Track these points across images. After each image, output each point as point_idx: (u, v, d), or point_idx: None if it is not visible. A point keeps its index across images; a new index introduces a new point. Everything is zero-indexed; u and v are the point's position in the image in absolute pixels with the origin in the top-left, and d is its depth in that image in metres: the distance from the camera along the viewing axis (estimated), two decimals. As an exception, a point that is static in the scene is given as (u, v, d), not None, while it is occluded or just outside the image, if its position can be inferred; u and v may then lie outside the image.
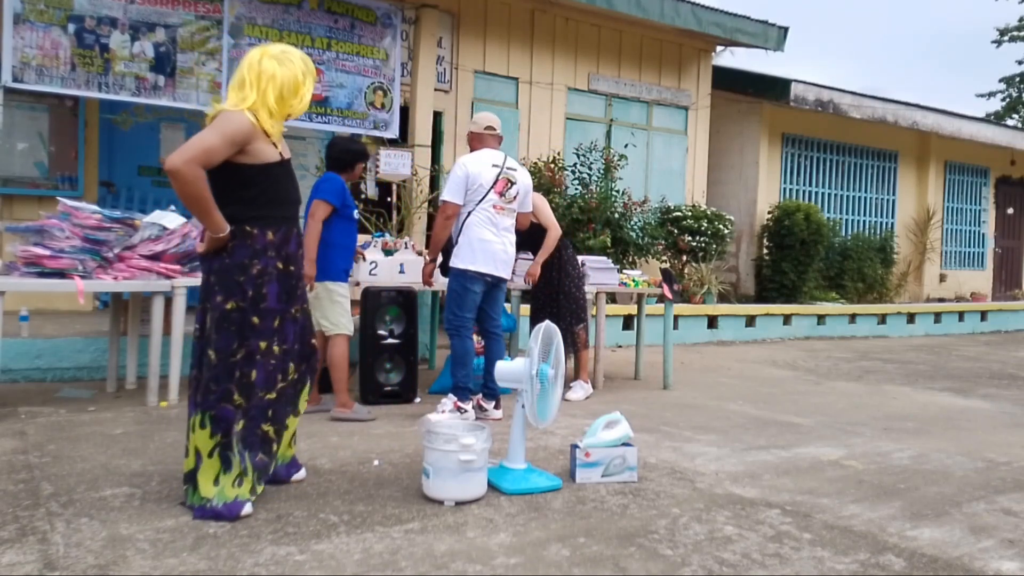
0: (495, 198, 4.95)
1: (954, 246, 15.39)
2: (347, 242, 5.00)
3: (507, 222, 5.05)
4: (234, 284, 3.15)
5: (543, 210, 5.78)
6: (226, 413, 3.11)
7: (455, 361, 4.96)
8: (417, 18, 8.07)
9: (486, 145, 5.11)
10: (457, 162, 5.04)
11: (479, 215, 4.92)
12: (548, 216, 5.80)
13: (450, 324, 4.96)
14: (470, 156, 5.05)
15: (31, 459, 3.75)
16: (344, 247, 4.97)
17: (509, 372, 3.64)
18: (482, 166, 4.96)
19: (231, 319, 3.13)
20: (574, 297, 5.87)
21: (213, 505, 3.02)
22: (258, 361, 3.16)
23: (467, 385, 4.89)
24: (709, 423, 5.15)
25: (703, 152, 11.61)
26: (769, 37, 10.87)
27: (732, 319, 9.96)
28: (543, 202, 5.87)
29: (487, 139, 5.12)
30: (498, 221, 4.98)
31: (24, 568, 2.54)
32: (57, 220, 4.71)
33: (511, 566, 2.70)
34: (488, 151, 5.07)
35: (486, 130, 5.11)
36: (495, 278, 5.00)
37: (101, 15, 6.54)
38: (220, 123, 3.12)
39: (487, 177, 4.94)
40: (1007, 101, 27.88)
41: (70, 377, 5.73)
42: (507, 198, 5.03)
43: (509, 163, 5.10)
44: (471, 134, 5.16)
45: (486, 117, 5.20)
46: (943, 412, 5.92)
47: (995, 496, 3.75)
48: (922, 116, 13.14)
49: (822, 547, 2.99)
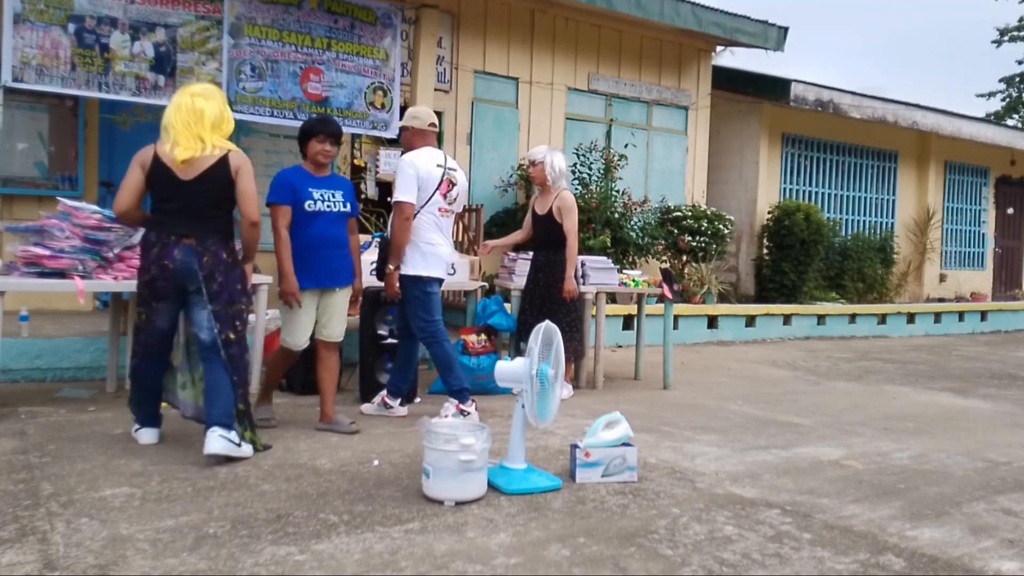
0: (440, 200, 4.77)
1: (954, 246, 15.39)
2: (304, 242, 4.39)
3: (449, 224, 4.90)
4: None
5: (571, 213, 5.67)
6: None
7: (442, 367, 4.86)
8: (417, 18, 8.07)
9: (428, 143, 4.85)
10: (404, 160, 4.75)
11: (425, 217, 4.74)
12: (573, 222, 5.68)
13: (424, 332, 4.81)
14: (417, 155, 4.77)
15: (31, 459, 3.75)
16: (302, 249, 4.38)
17: (509, 372, 3.62)
18: (430, 165, 4.75)
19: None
20: (566, 305, 5.77)
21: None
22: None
23: (463, 386, 4.84)
24: (709, 423, 5.15)
25: (703, 152, 11.62)
26: (769, 37, 10.88)
27: (732, 319, 9.96)
28: (573, 204, 5.73)
29: (429, 136, 4.87)
30: (443, 224, 4.82)
31: (24, 568, 2.54)
32: (57, 220, 4.71)
33: (511, 566, 2.70)
34: (431, 150, 4.84)
35: (430, 127, 4.85)
36: (440, 281, 4.90)
37: (101, 15, 6.54)
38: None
39: (434, 177, 4.75)
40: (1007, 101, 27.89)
41: (70, 377, 5.73)
42: (449, 200, 4.85)
43: (450, 163, 4.91)
44: (413, 131, 4.85)
45: (428, 112, 4.93)
46: (943, 412, 5.92)
47: (995, 496, 3.75)
48: (922, 116, 13.14)
49: (822, 547, 2.99)
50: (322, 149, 4.43)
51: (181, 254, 3.81)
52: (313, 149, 4.44)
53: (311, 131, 4.45)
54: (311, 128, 4.47)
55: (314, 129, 4.45)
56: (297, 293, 4.35)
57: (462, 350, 5.75)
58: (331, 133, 4.46)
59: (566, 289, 5.64)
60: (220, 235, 3.91)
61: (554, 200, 5.75)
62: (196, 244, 3.83)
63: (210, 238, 3.86)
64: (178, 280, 3.84)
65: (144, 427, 4.14)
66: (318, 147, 4.43)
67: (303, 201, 4.37)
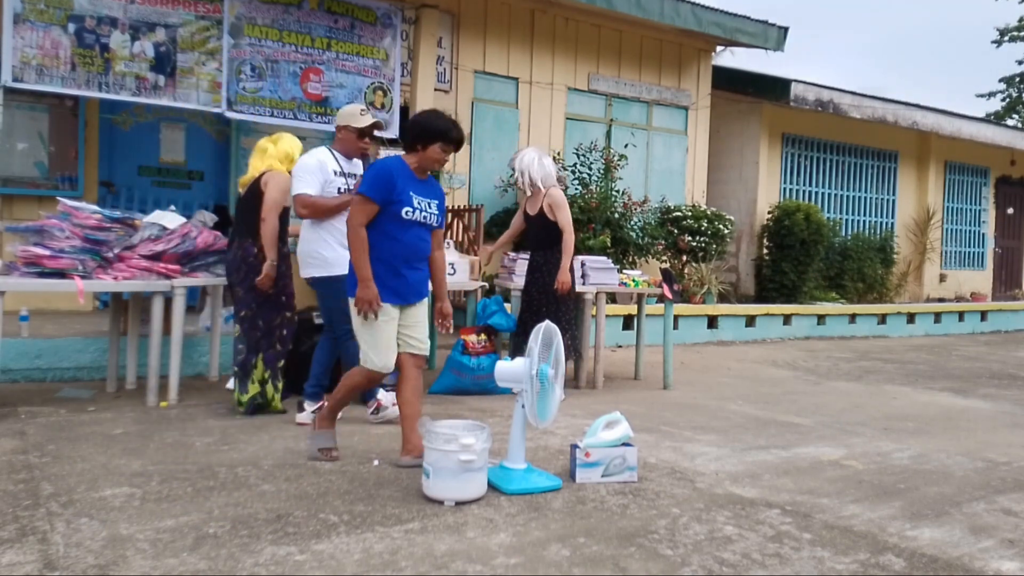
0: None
1: (954, 246, 15.39)
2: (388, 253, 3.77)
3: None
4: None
5: (563, 208, 5.70)
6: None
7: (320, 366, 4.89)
8: (417, 18, 8.06)
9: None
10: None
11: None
12: (566, 217, 5.70)
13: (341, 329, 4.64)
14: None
15: (31, 459, 3.75)
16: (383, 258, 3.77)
17: (509, 372, 3.61)
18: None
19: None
20: (564, 304, 5.78)
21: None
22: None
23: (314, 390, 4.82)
24: (709, 423, 5.15)
25: (703, 152, 11.62)
26: (769, 37, 10.88)
27: (732, 319, 9.96)
28: (564, 200, 5.77)
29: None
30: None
31: (24, 568, 2.54)
32: (57, 220, 4.71)
33: (511, 566, 2.70)
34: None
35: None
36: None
37: (101, 15, 6.54)
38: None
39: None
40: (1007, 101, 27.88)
41: (70, 377, 5.73)
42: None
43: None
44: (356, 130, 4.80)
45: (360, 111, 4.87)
46: (943, 412, 5.92)
47: (995, 496, 3.75)
48: (922, 116, 13.14)
49: (822, 547, 2.99)
50: (443, 157, 3.84)
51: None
52: (435, 153, 3.79)
53: (444, 133, 3.78)
54: (445, 130, 3.79)
55: (449, 133, 3.79)
56: (377, 300, 3.70)
57: (462, 350, 5.75)
58: (460, 142, 3.88)
59: (559, 280, 5.64)
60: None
61: (543, 199, 5.75)
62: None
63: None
64: None
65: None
66: (440, 153, 3.81)
67: (401, 206, 3.73)
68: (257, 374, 4.84)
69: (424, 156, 3.80)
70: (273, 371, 4.90)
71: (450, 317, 4.07)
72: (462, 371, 5.68)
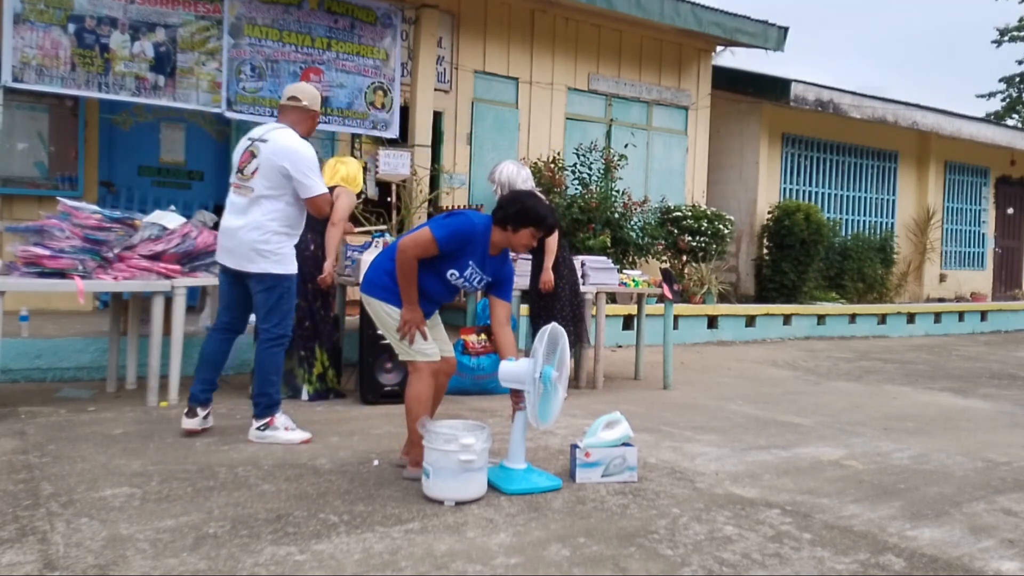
0: (234, 175, 4.33)
1: (954, 246, 15.39)
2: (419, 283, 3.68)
3: (243, 202, 4.24)
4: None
5: None
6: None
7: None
8: (417, 18, 8.07)
9: (279, 117, 4.50)
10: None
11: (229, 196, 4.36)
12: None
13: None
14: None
15: (31, 459, 3.75)
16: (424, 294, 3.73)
17: (512, 373, 3.57)
18: (243, 140, 4.38)
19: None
20: (568, 300, 5.81)
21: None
22: None
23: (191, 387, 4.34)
24: (709, 423, 5.14)
25: (703, 152, 11.62)
26: (769, 37, 10.88)
27: (732, 319, 9.96)
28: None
29: (283, 111, 4.47)
30: (235, 201, 4.28)
31: (24, 568, 2.54)
32: (57, 220, 4.70)
33: (511, 566, 2.70)
34: (270, 124, 4.47)
35: (288, 100, 4.43)
36: (227, 269, 4.33)
37: (101, 15, 6.54)
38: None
39: (238, 152, 4.35)
40: (1007, 101, 27.90)
41: (70, 377, 5.73)
42: (245, 175, 4.24)
43: (267, 134, 4.28)
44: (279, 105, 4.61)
45: (291, 88, 4.56)
46: (943, 412, 5.92)
47: (995, 496, 3.75)
48: (922, 116, 13.14)
49: (822, 547, 2.99)
50: (532, 243, 3.76)
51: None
52: (524, 238, 3.70)
53: (541, 220, 3.69)
54: (542, 217, 3.69)
55: (546, 221, 3.71)
56: (422, 322, 3.69)
57: (462, 350, 5.75)
58: (553, 229, 3.86)
59: (542, 280, 5.67)
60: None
61: None
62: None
63: None
64: None
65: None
66: (530, 240, 3.72)
67: (451, 266, 3.67)
68: (318, 365, 5.38)
69: (512, 239, 3.70)
70: (331, 357, 5.46)
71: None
72: (462, 371, 5.67)
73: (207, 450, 4.03)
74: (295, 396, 5.32)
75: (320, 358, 5.39)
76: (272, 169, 4.18)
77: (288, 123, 4.35)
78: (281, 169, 4.18)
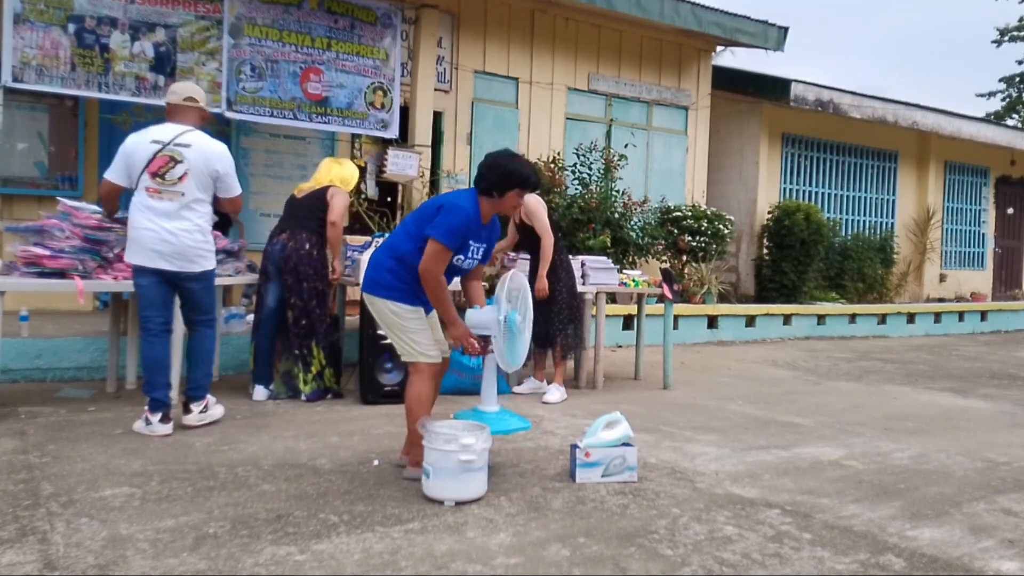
0: (147, 179, 4.28)
1: (954, 246, 15.39)
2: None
3: (171, 207, 4.28)
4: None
5: (538, 215, 5.70)
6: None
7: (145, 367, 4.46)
8: (417, 18, 8.07)
9: (179, 118, 4.46)
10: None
11: (136, 199, 4.32)
12: (543, 223, 5.69)
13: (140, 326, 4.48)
14: (138, 131, 4.43)
15: (31, 459, 3.75)
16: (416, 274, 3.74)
17: (478, 319, 3.87)
18: (142, 140, 4.34)
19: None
20: (566, 302, 5.82)
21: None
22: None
23: (151, 394, 4.33)
24: (709, 423, 5.15)
25: (703, 152, 11.62)
26: (769, 37, 10.88)
27: (732, 319, 9.96)
28: (540, 206, 5.77)
29: (181, 112, 4.46)
30: (157, 206, 4.27)
31: (24, 568, 2.54)
32: (57, 220, 4.70)
33: (511, 566, 2.70)
34: (163, 125, 4.42)
35: (185, 101, 4.45)
36: (161, 272, 4.33)
37: (101, 15, 6.54)
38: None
39: (142, 154, 4.30)
40: (1007, 101, 27.89)
41: (70, 377, 5.73)
42: (168, 180, 4.28)
43: (183, 139, 4.34)
44: (168, 106, 4.53)
45: (186, 88, 4.60)
46: (943, 412, 5.92)
47: (995, 496, 3.75)
48: (922, 116, 13.14)
49: (822, 547, 2.99)
50: (520, 202, 3.85)
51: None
52: (511, 201, 3.75)
53: (525, 180, 3.72)
54: (525, 177, 3.72)
55: (529, 180, 3.73)
56: (470, 334, 3.82)
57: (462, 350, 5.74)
58: (538, 186, 3.93)
59: (537, 287, 5.66)
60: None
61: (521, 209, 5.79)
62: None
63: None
64: None
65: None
66: (517, 200, 3.78)
67: (455, 256, 3.67)
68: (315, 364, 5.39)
69: (500, 204, 3.72)
70: (329, 356, 5.46)
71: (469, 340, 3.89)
72: (462, 371, 5.68)
73: (207, 450, 4.03)
74: (294, 396, 5.33)
75: (317, 356, 5.40)
76: (204, 174, 4.37)
77: (190, 124, 4.47)
78: (213, 173, 4.40)
